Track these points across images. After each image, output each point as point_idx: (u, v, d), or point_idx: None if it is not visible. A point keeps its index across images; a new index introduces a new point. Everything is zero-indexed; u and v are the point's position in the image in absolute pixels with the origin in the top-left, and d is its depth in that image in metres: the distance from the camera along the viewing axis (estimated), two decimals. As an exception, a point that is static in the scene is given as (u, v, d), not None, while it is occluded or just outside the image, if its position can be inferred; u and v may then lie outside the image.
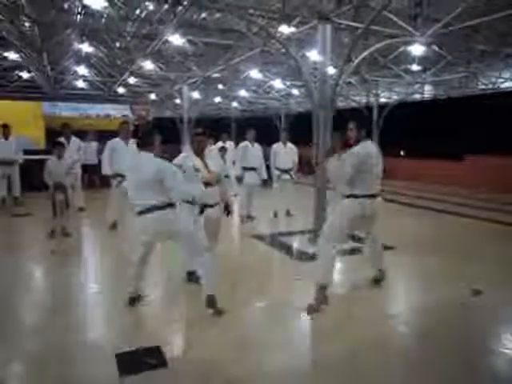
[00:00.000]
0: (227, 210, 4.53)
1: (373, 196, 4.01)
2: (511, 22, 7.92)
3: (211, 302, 3.67)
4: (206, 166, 4.25)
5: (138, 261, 3.83)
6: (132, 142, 6.70)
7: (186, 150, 5.33)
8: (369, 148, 4.00)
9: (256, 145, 7.86)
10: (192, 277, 4.24)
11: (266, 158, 8.29)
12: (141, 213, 3.56)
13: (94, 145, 10.71)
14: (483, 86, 13.62)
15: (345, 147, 4.08)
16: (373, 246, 4.45)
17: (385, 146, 16.62)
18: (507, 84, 12.97)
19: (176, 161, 4.15)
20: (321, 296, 3.90)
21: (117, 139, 6.72)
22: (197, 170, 4.09)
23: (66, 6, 8.64)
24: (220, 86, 16.88)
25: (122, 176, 6.50)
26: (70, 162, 6.66)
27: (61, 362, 3.02)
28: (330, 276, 4.01)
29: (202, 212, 4.22)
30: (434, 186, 13.52)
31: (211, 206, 4.31)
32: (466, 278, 4.75)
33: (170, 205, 3.59)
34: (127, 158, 4.63)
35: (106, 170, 6.64)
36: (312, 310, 3.84)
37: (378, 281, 4.46)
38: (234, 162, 8.04)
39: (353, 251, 5.58)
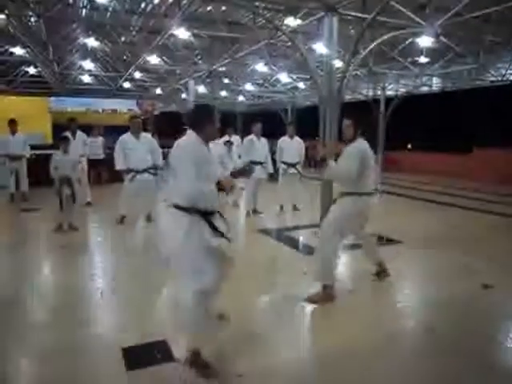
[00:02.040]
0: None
1: (371, 194, 4.05)
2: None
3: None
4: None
5: None
6: (144, 136, 6.70)
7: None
8: (366, 145, 3.98)
9: (262, 138, 7.80)
10: None
11: (273, 151, 8.25)
12: None
13: (100, 139, 10.72)
14: (492, 78, 13.44)
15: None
16: (367, 242, 4.48)
17: (391, 139, 16.59)
18: (517, 76, 12.77)
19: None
20: (325, 295, 3.90)
21: (127, 134, 6.69)
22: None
23: (71, 0, 8.64)
24: (226, 80, 16.84)
25: (136, 171, 6.53)
26: (75, 157, 6.65)
27: (69, 356, 3.03)
28: (332, 275, 3.95)
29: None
30: (440, 179, 13.40)
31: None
32: (474, 272, 4.70)
33: None
34: None
35: (120, 164, 6.62)
36: (311, 300, 3.88)
37: (379, 274, 4.43)
38: (239, 156, 8.00)
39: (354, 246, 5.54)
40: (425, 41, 8.32)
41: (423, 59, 11.40)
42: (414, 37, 8.77)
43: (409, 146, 18.22)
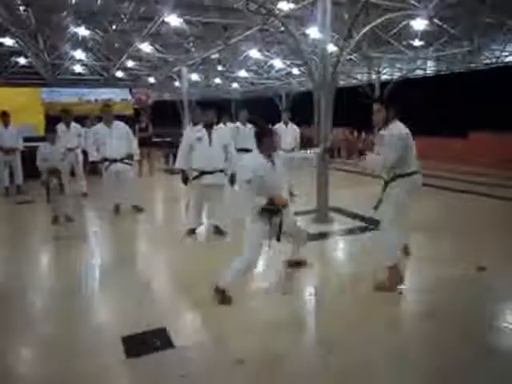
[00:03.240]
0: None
1: (418, 172, 3.98)
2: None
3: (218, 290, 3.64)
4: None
5: None
6: (116, 124, 6.70)
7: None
8: (402, 128, 3.83)
9: (249, 125, 7.77)
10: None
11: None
12: None
13: (95, 130, 10.63)
14: (487, 61, 13.38)
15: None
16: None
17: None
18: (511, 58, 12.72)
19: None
20: (395, 277, 3.86)
21: (100, 124, 6.72)
22: None
23: (60, -13, 8.48)
24: (220, 67, 16.67)
25: (110, 160, 6.55)
26: (63, 148, 6.62)
27: (68, 346, 3.05)
28: (396, 255, 3.90)
29: None
30: (436, 163, 13.40)
31: None
32: (470, 255, 4.74)
33: None
34: None
35: (93, 156, 6.72)
36: (381, 288, 3.84)
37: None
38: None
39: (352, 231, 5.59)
40: (419, 24, 8.26)
41: (418, 42, 11.33)
42: (409, 20, 8.70)
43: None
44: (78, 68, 15.81)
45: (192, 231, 5.63)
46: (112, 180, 6.74)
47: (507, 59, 12.80)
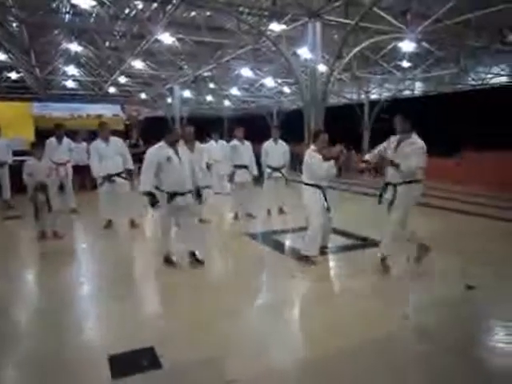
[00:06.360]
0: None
1: (422, 181, 4.68)
2: (501, 18, 7.98)
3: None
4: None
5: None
6: (113, 140, 6.79)
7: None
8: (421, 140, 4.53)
9: (246, 142, 7.82)
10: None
11: (258, 155, 8.25)
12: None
13: (84, 145, 10.58)
14: (473, 82, 13.72)
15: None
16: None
17: (376, 142, 16.75)
18: (496, 80, 13.07)
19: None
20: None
21: (98, 140, 6.80)
22: None
23: (54, 5, 8.57)
24: (211, 85, 16.85)
25: (108, 175, 6.57)
26: (49, 163, 6.60)
27: (53, 365, 2.98)
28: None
29: None
30: (427, 181, 13.53)
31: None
32: (459, 274, 4.77)
33: None
34: None
35: (97, 171, 6.75)
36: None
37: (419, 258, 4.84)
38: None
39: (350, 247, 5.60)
40: (407, 46, 8.47)
41: (406, 64, 11.60)
42: (397, 42, 8.92)
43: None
44: (70, 83, 15.88)
45: (168, 259, 5.09)
46: (108, 195, 6.77)
47: (492, 81, 13.15)
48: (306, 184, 5.05)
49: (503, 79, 13.21)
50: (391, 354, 3.16)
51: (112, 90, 17.01)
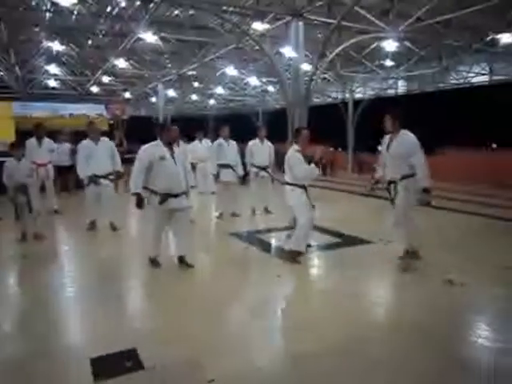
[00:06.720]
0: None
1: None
2: (480, 18, 8.11)
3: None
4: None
5: None
6: (102, 140, 6.66)
7: None
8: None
9: (231, 141, 7.80)
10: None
11: (243, 155, 8.24)
12: None
13: (67, 146, 10.41)
14: (454, 81, 13.93)
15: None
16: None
17: (359, 141, 16.90)
18: (477, 78, 13.30)
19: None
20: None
21: (87, 140, 6.68)
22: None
23: (33, 3, 8.42)
24: (196, 84, 16.77)
25: (96, 176, 6.48)
26: (30, 164, 6.48)
27: (33, 368, 2.93)
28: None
29: None
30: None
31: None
32: (442, 270, 4.84)
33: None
34: None
35: (83, 172, 6.61)
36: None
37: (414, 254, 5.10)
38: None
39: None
40: (390, 45, 8.55)
41: (389, 63, 11.72)
42: (380, 41, 9.00)
43: (379, 148, 18.60)
44: (51, 83, 15.63)
45: (154, 261, 4.97)
46: (94, 195, 6.66)
47: (473, 80, 13.38)
48: (290, 184, 5.09)
49: (484, 78, 13.46)
50: (376, 352, 3.18)
51: (95, 89, 16.81)
